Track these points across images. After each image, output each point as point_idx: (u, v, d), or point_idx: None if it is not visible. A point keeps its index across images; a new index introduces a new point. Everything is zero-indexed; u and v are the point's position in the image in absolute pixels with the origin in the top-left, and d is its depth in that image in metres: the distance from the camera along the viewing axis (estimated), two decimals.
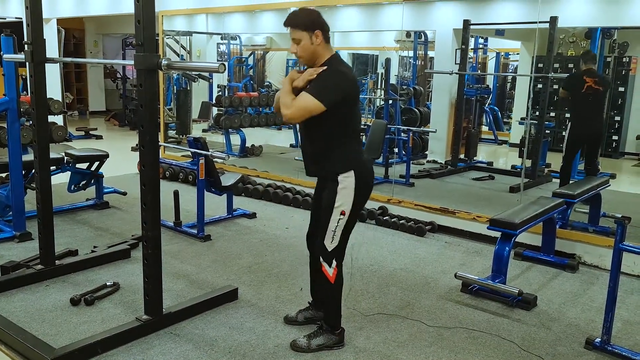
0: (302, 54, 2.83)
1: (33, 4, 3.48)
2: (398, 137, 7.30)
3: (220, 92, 8.94)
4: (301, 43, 2.80)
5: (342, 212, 2.87)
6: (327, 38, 2.85)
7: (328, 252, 2.92)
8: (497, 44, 10.22)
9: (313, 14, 2.87)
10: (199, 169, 4.83)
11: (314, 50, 2.82)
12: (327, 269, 2.93)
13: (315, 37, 2.79)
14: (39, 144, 3.68)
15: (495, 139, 9.67)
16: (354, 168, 2.86)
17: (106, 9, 8.55)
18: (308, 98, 2.72)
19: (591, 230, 4.77)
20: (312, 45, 2.80)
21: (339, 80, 2.79)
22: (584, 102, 5.56)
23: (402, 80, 9.02)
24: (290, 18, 2.84)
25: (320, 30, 2.80)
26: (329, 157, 2.88)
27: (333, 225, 2.88)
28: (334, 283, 2.96)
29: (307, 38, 2.79)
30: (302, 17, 2.84)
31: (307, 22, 2.80)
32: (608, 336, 3.06)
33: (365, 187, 2.92)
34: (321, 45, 2.82)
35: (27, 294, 3.60)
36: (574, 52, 8.07)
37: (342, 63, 2.91)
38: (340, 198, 2.85)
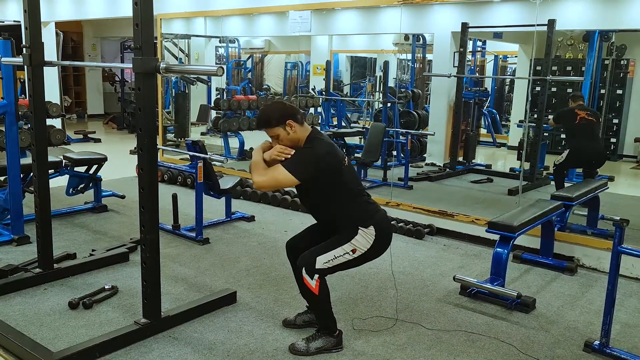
0: (286, 145, 2.90)
1: (31, 7, 3.48)
2: (396, 140, 7.31)
3: (218, 95, 8.96)
4: (280, 137, 2.89)
5: (354, 250, 2.89)
6: (300, 121, 2.92)
7: (314, 267, 2.87)
8: (495, 46, 10.23)
9: (278, 108, 2.98)
10: (198, 172, 4.83)
11: (293, 138, 2.90)
12: (309, 280, 2.87)
13: (289, 127, 2.88)
14: (37, 147, 3.67)
15: (493, 142, 9.68)
16: (375, 224, 2.92)
17: (104, 13, 8.56)
18: (282, 171, 2.80)
19: (589, 233, 4.77)
20: (289, 135, 2.89)
21: (314, 156, 2.86)
22: (580, 130, 5.68)
23: (401, 83, 9.03)
24: (260, 121, 2.97)
25: (291, 118, 2.88)
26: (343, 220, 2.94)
27: (338, 253, 2.88)
28: (318, 294, 2.91)
29: (282, 131, 2.89)
30: (270, 116, 2.92)
31: (276, 118, 2.89)
32: (607, 339, 3.06)
33: (384, 243, 2.99)
34: (297, 130, 2.89)
35: (25, 297, 3.59)
36: (572, 55, 8.09)
37: (319, 139, 2.95)
38: (358, 240, 2.89)
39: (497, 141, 9.70)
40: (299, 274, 2.91)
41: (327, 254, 2.87)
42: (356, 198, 2.98)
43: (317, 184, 2.90)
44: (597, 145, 5.77)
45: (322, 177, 2.87)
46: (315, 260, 2.86)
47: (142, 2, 2.78)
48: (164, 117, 8.70)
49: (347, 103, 10.05)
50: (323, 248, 2.90)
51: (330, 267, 2.89)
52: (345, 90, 11.31)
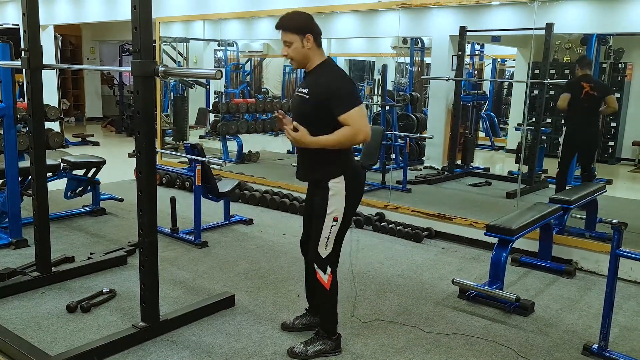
0: (294, 56, 2.85)
1: (30, 10, 3.48)
2: (395, 143, 7.31)
3: (217, 98, 8.95)
4: (292, 46, 2.82)
5: (335, 219, 2.88)
6: (318, 43, 2.86)
7: (322, 259, 2.92)
8: (493, 50, 10.26)
9: (305, 17, 2.88)
10: (196, 175, 4.83)
11: (305, 54, 2.83)
12: (322, 276, 2.92)
13: (306, 41, 2.81)
14: (35, 150, 3.67)
15: (491, 145, 9.68)
16: (344, 173, 2.86)
17: (103, 16, 8.56)
18: (352, 113, 2.72)
19: (588, 236, 4.78)
20: (303, 48, 2.82)
21: (345, 82, 2.84)
22: (580, 108, 5.57)
23: (399, 86, 9.04)
24: (282, 21, 2.85)
25: (311, 34, 2.82)
26: (321, 162, 2.87)
27: (326, 232, 2.88)
28: (329, 289, 2.95)
29: (298, 41, 2.81)
30: (293, 20, 2.85)
31: (298, 25, 2.81)
32: (605, 342, 3.06)
33: (356, 192, 2.94)
34: (312, 49, 2.84)
35: (23, 301, 3.58)
36: (570, 59, 8.11)
37: (339, 68, 2.94)
38: (332, 204, 2.86)
39: (495, 144, 9.71)
40: (312, 270, 2.96)
41: (321, 240, 2.89)
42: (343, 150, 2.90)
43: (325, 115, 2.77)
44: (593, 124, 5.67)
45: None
46: (318, 252, 2.90)
47: (141, 6, 2.78)
48: (163, 121, 8.70)
49: None
50: (314, 237, 2.92)
51: (332, 248, 2.91)
52: None
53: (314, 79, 2.86)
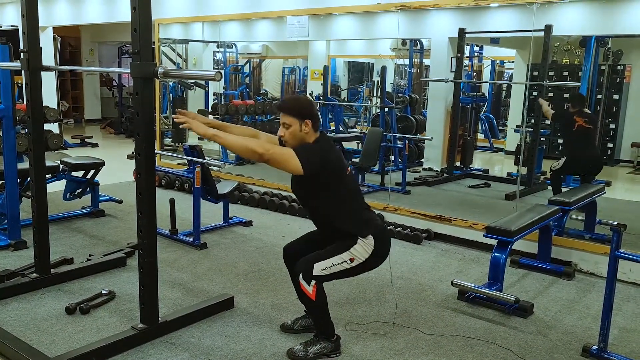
0: (289, 139, 2.90)
1: (29, 12, 3.48)
2: (394, 145, 7.31)
3: (216, 100, 8.95)
4: (290, 128, 2.88)
5: (352, 259, 2.89)
6: (316, 127, 2.91)
7: (311, 274, 2.85)
8: (492, 52, 10.27)
9: (306, 103, 3.00)
10: (195, 177, 4.83)
11: (301, 137, 2.89)
12: (306, 287, 2.86)
13: (304, 126, 2.87)
14: (34, 152, 3.67)
15: (490, 147, 9.69)
16: (374, 234, 2.91)
17: (102, 17, 8.56)
18: (292, 154, 2.77)
19: (587, 238, 4.78)
20: (300, 132, 2.88)
21: (322, 152, 2.87)
22: (577, 138, 5.68)
23: (398, 88, 9.05)
24: (284, 104, 2.97)
25: (310, 119, 2.87)
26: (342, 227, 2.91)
27: (336, 261, 2.87)
28: (315, 300, 2.89)
29: (296, 125, 2.87)
30: (295, 104, 2.93)
31: (299, 111, 2.88)
32: (605, 344, 3.06)
33: (382, 253, 2.99)
34: (309, 133, 2.89)
35: (22, 302, 3.58)
36: (569, 60, 8.12)
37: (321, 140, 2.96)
38: (357, 250, 2.89)
39: (494, 146, 9.72)
40: (296, 279, 2.92)
41: (325, 261, 2.86)
42: (356, 206, 2.99)
43: (319, 185, 2.87)
44: (593, 153, 5.79)
45: (326, 176, 2.86)
46: (313, 266, 2.86)
47: (141, 7, 2.78)
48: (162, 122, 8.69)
49: (344, 108, 10.06)
50: (321, 255, 2.90)
51: (328, 275, 2.89)
52: (342, 95, 11.33)
53: None
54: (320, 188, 2.89)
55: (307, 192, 3.00)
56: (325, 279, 2.90)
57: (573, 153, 5.72)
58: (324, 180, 2.86)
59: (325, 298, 2.96)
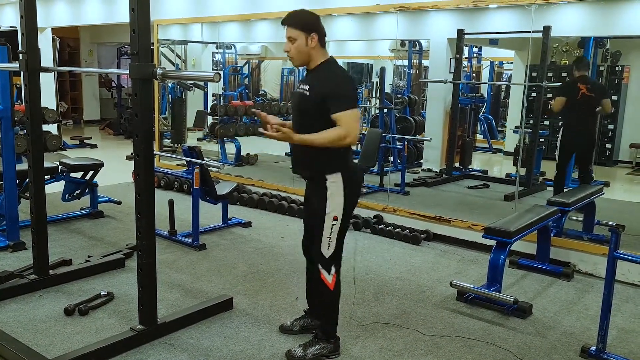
0: (295, 54, 2.84)
1: (28, 13, 3.48)
2: (393, 146, 7.31)
3: (215, 101, 8.95)
4: (295, 43, 2.81)
5: (335, 218, 2.88)
6: (322, 43, 2.86)
7: (326, 259, 2.92)
8: (491, 53, 10.27)
9: (312, 16, 2.89)
10: (194, 178, 4.83)
11: (307, 52, 2.83)
12: (326, 276, 2.93)
13: (310, 40, 2.81)
14: (33, 153, 3.66)
15: (489, 148, 9.70)
16: (341, 170, 2.86)
17: (101, 18, 8.55)
18: (346, 114, 2.72)
19: (586, 239, 4.78)
20: (306, 47, 2.82)
21: (347, 82, 2.85)
22: (577, 109, 5.59)
23: (397, 89, 9.06)
24: (289, 17, 2.85)
25: (317, 33, 2.81)
26: (317, 157, 2.86)
27: (327, 232, 2.89)
28: (333, 290, 2.96)
29: (302, 38, 2.80)
30: (300, 17, 2.85)
31: (304, 23, 2.81)
32: (603, 344, 3.06)
33: (354, 189, 2.94)
34: (316, 48, 2.83)
35: (20, 304, 3.57)
36: (567, 61, 8.12)
37: (341, 68, 2.94)
38: (331, 204, 2.86)
39: (493, 147, 9.73)
40: (317, 270, 2.95)
41: (322, 240, 2.89)
42: None
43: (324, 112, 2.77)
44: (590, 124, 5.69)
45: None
46: (321, 252, 2.90)
47: (139, 8, 2.78)
48: (161, 123, 8.69)
49: None
50: (316, 238, 2.92)
51: (334, 248, 2.91)
52: None
53: (315, 76, 2.87)
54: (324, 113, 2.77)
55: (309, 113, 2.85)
56: (337, 252, 2.93)
57: (570, 125, 5.67)
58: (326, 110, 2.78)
59: (340, 290, 3.01)
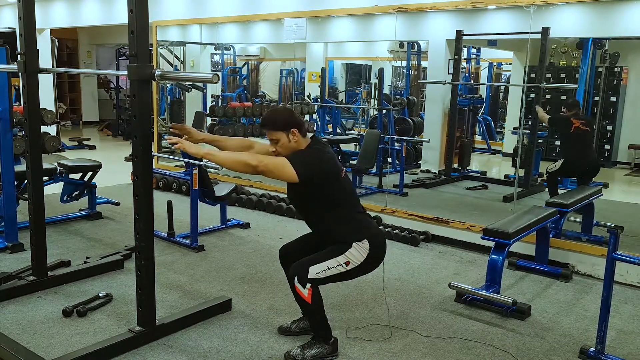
0: (282, 151, 2.90)
1: (26, 14, 3.48)
2: (392, 147, 7.31)
3: (214, 102, 8.95)
4: (279, 142, 2.89)
5: (347, 263, 2.88)
6: (303, 133, 2.92)
7: (306, 276, 2.85)
8: (489, 54, 10.28)
9: (286, 113, 2.96)
10: (193, 179, 4.82)
11: (292, 147, 2.89)
12: (302, 289, 2.87)
13: (291, 135, 2.87)
14: (31, 154, 3.66)
15: (488, 149, 9.71)
16: (369, 238, 2.90)
17: (100, 20, 8.55)
18: (286, 162, 2.77)
19: (584, 240, 4.78)
20: (289, 143, 2.88)
21: (317, 158, 2.87)
22: (574, 140, 5.70)
23: (396, 90, 9.06)
24: (266, 121, 2.94)
25: (295, 127, 2.87)
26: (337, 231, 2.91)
27: (332, 264, 2.87)
28: (311, 303, 2.90)
29: (284, 137, 2.88)
30: (276, 119, 2.91)
31: (282, 124, 2.87)
32: (602, 345, 3.06)
33: (378, 256, 2.97)
34: (299, 141, 2.90)
35: (18, 305, 3.57)
36: (566, 62, 8.14)
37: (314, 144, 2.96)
38: (352, 253, 2.88)
39: (491, 148, 9.74)
40: (292, 282, 2.91)
41: (321, 265, 2.86)
42: (352, 210, 2.98)
43: (315, 190, 2.88)
44: (590, 155, 5.79)
45: (322, 182, 2.86)
46: (308, 270, 2.86)
47: (138, 10, 2.78)
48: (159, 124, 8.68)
49: (342, 110, 10.07)
50: (317, 258, 2.90)
51: (323, 278, 2.89)
52: (340, 97, 11.34)
53: None
54: (315, 192, 2.89)
55: (302, 197, 2.99)
56: (321, 282, 2.90)
57: (570, 155, 5.73)
58: (319, 184, 2.86)
59: (321, 301, 2.96)
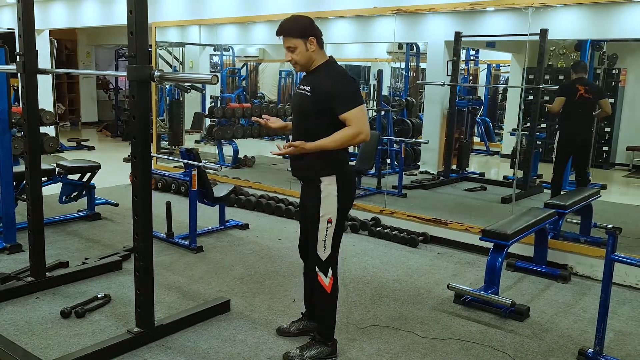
0: (299, 60, 2.86)
1: (25, 15, 3.48)
2: (390, 148, 7.32)
3: (212, 103, 8.95)
4: (296, 50, 2.83)
5: (329, 220, 2.88)
6: (321, 44, 2.88)
7: (322, 262, 2.93)
8: (488, 55, 10.28)
9: (306, 20, 2.89)
10: (192, 180, 4.82)
11: (309, 57, 2.86)
12: (324, 279, 2.94)
13: (309, 44, 2.83)
14: (30, 155, 3.66)
15: (487, 150, 9.71)
16: (336, 173, 2.87)
17: (99, 20, 8.55)
18: (354, 112, 2.73)
19: (583, 241, 4.79)
20: (307, 51, 2.84)
21: (349, 81, 2.84)
22: (574, 111, 5.62)
23: (394, 91, 9.06)
24: (283, 26, 2.86)
25: (314, 36, 2.83)
26: (313, 160, 2.86)
27: (322, 234, 2.90)
28: (330, 292, 2.96)
29: (302, 45, 2.83)
30: (295, 24, 2.85)
31: (300, 30, 2.82)
32: (600, 347, 3.06)
33: (348, 192, 2.94)
34: (316, 51, 2.86)
35: (17, 306, 3.56)
36: (564, 64, 8.14)
37: (339, 67, 2.93)
38: (325, 207, 2.87)
39: (490, 149, 9.74)
40: (314, 273, 2.96)
41: (318, 243, 2.90)
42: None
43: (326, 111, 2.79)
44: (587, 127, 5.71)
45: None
46: (318, 255, 2.91)
47: (137, 11, 2.78)
48: (158, 125, 8.68)
49: None
50: (312, 241, 2.93)
51: (331, 250, 2.91)
52: None
53: (316, 77, 2.88)
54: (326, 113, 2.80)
55: (310, 113, 2.86)
56: (333, 255, 2.93)
57: (567, 125, 5.69)
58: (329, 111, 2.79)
59: (337, 293, 3.01)
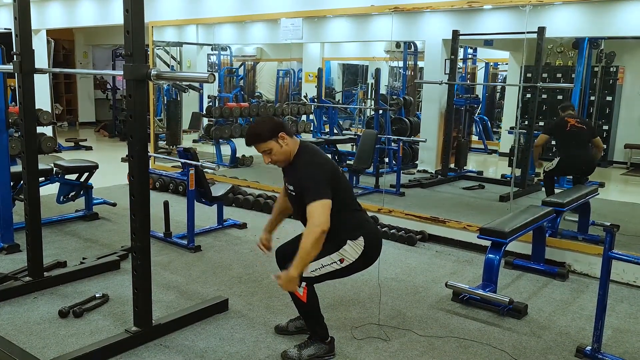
0: (279, 158, 2.87)
1: (22, 14, 3.47)
2: (388, 147, 7.33)
3: (210, 102, 8.96)
4: (272, 151, 2.85)
5: (342, 260, 2.87)
6: (290, 134, 2.89)
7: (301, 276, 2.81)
8: (486, 54, 10.30)
9: (269, 121, 2.94)
10: (189, 180, 4.82)
11: (286, 151, 2.87)
12: (298, 289, 2.85)
13: (281, 140, 2.84)
14: (27, 155, 3.65)
15: (485, 149, 9.72)
16: (364, 235, 2.89)
17: (96, 20, 8.54)
18: (317, 206, 2.68)
19: (580, 239, 4.79)
20: (282, 148, 2.85)
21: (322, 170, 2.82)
22: (570, 138, 5.66)
23: (392, 90, 9.07)
24: (251, 136, 2.88)
25: (282, 131, 2.84)
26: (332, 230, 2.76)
27: (326, 262, 2.85)
28: (307, 302, 2.90)
29: (275, 145, 2.84)
30: (262, 130, 2.86)
31: (269, 132, 2.83)
32: (598, 344, 3.07)
33: (372, 254, 2.96)
34: (289, 143, 2.87)
35: (14, 306, 3.56)
36: (562, 62, 8.15)
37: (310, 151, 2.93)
38: (346, 250, 2.86)
39: (488, 148, 9.75)
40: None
41: (315, 263, 2.83)
42: (347, 208, 2.95)
43: None
44: (586, 153, 5.78)
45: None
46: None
47: (133, 10, 2.78)
48: (156, 125, 8.68)
49: (339, 110, 10.08)
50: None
51: (318, 276, 2.88)
52: (337, 97, 11.35)
53: (294, 173, 2.90)
54: None
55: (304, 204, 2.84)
56: (315, 280, 2.90)
57: (566, 154, 5.73)
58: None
59: (316, 300, 2.96)
